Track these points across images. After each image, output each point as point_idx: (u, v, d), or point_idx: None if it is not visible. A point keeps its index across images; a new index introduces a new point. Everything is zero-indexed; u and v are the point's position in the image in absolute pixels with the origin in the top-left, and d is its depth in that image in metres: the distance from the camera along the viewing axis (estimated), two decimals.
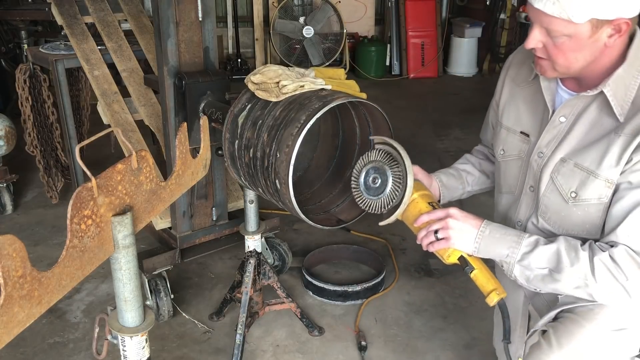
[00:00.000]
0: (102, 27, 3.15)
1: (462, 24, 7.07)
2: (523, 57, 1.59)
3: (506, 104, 1.61)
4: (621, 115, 1.32)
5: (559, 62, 1.34)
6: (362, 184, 1.55)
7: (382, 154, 1.52)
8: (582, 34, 1.27)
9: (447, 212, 1.44)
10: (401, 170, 1.47)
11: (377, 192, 1.51)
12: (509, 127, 1.59)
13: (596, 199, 1.36)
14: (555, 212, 1.45)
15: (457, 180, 1.74)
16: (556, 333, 1.43)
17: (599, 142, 1.35)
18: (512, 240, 1.40)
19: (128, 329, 1.23)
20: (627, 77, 1.33)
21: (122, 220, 1.11)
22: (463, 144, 4.69)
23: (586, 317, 1.42)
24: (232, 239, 2.72)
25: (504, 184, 1.62)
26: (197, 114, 2.21)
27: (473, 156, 1.84)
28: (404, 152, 1.47)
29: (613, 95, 1.33)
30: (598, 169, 1.34)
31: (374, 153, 1.54)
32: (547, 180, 1.44)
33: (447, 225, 1.43)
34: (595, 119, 1.37)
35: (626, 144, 1.30)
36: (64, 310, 2.61)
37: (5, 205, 3.51)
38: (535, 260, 1.37)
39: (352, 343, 2.43)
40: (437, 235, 1.43)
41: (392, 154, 1.51)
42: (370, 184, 1.53)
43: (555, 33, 1.29)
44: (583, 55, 1.31)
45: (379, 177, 1.51)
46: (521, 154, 1.55)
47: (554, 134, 1.44)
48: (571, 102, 1.41)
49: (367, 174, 1.54)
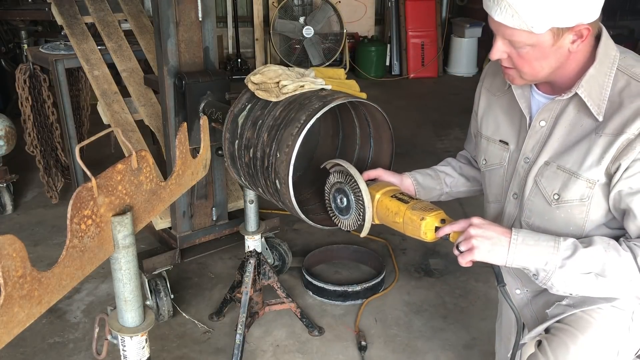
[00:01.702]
0: (102, 27, 3.15)
1: (462, 24, 7.07)
2: (496, 68, 1.60)
3: (484, 114, 1.63)
4: (599, 115, 1.32)
5: (524, 70, 1.35)
6: (336, 209, 1.62)
7: (339, 174, 1.58)
8: (545, 42, 1.27)
9: (468, 221, 1.36)
10: (354, 182, 1.52)
11: (348, 210, 1.57)
12: (488, 136, 1.60)
13: (578, 200, 1.36)
14: (539, 216, 1.45)
15: (433, 181, 1.74)
16: (551, 345, 1.42)
17: (580, 143, 1.35)
18: (549, 246, 1.32)
19: (128, 329, 1.23)
20: (600, 75, 1.33)
21: (122, 220, 1.11)
22: (463, 144, 4.68)
23: (580, 327, 1.41)
24: (232, 239, 2.72)
25: (490, 193, 1.63)
26: (197, 114, 2.21)
27: (455, 159, 1.84)
28: (347, 165, 1.54)
29: (588, 95, 1.33)
30: (579, 170, 1.34)
31: (332, 176, 1.61)
32: (532, 184, 1.45)
33: (469, 234, 1.33)
34: (574, 120, 1.38)
35: (609, 144, 1.30)
36: (64, 310, 2.61)
37: (5, 205, 3.51)
38: (578, 264, 1.29)
39: (352, 343, 2.43)
40: (460, 248, 1.35)
41: (344, 171, 1.56)
42: (340, 205, 1.59)
43: (518, 44, 1.30)
44: (548, 62, 1.32)
45: (344, 197, 1.57)
46: (502, 162, 1.55)
47: (537, 139, 1.45)
48: (549, 106, 1.42)
49: (334, 198, 1.61)
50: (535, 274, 1.35)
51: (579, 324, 1.41)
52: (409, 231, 1.44)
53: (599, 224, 1.39)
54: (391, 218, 1.47)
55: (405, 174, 1.69)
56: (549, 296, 1.50)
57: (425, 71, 7.10)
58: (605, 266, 1.29)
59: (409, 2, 7.01)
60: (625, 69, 1.33)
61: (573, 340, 1.39)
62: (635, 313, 1.42)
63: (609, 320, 1.40)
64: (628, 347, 1.44)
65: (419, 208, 1.42)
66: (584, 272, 1.30)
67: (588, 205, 1.36)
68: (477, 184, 1.78)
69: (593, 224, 1.39)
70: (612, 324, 1.41)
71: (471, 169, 1.80)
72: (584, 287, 1.33)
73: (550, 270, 1.31)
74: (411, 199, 1.46)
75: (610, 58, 1.34)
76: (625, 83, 1.32)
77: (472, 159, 1.82)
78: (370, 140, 1.81)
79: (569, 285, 1.33)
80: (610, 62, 1.34)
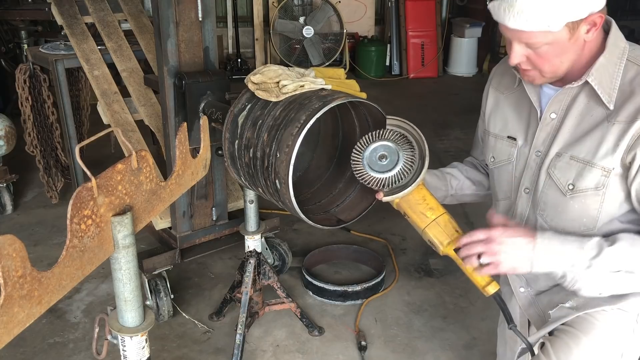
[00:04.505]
0: (102, 27, 3.15)
1: (462, 24, 7.07)
2: (504, 67, 1.61)
3: (492, 112, 1.63)
4: (610, 103, 1.33)
5: (545, 69, 1.35)
6: (367, 157, 1.49)
7: (396, 135, 1.48)
8: (562, 38, 1.28)
9: (489, 232, 1.33)
10: (414, 155, 1.44)
11: (382, 169, 1.46)
12: (496, 134, 1.60)
13: (593, 188, 1.36)
14: (553, 208, 1.44)
15: (439, 181, 1.73)
16: (554, 347, 1.42)
17: (592, 132, 1.35)
18: (575, 247, 1.31)
19: (128, 329, 1.23)
20: (609, 64, 1.34)
21: (122, 220, 1.11)
22: (463, 144, 4.69)
23: (583, 329, 1.41)
24: (232, 239, 2.72)
25: (499, 191, 1.62)
26: (197, 114, 2.21)
27: (461, 164, 1.84)
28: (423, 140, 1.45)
29: (598, 83, 1.34)
30: (594, 159, 1.34)
31: (387, 132, 1.49)
32: (545, 176, 1.44)
33: (493, 249, 1.31)
34: (584, 110, 1.38)
35: (622, 131, 1.30)
36: (64, 310, 2.61)
37: (5, 205, 3.51)
38: (605, 263, 1.29)
39: (352, 343, 2.43)
40: (482, 260, 1.32)
41: (407, 137, 1.49)
42: (377, 161, 1.47)
43: (536, 45, 1.30)
44: (567, 56, 1.33)
45: (387, 156, 1.46)
46: (511, 158, 1.55)
47: (548, 131, 1.45)
48: (558, 97, 1.42)
49: (374, 150, 1.48)
50: (563, 276, 1.35)
51: (582, 326, 1.41)
52: (432, 232, 1.41)
53: (613, 216, 1.39)
54: (422, 209, 1.43)
55: None
56: (552, 295, 1.50)
57: (425, 71, 7.10)
58: (634, 262, 1.29)
59: (409, 2, 7.02)
60: (636, 59, 1.34)
61: (576, 343, 1.39)
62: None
63: (613, 323, 1.40)
64: (632, 350, 1.44)
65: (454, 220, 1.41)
66: (613, 270, 1.30)
67: (603, 195, 1.36)
68: (482, 189, 1.78)
69: (607, 215, 1.38)
70: (616, 326, 1.40)
71: (477, 174, 1.79)
72: (614, 285, 1.33)
73: (578, 271, 1.31)
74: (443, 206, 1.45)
75: (619, 48, 1.35)
76: (636, 73, 1.33)
77: (479, 164, 1.81)
78: None
79: (599, 285, 1.34)
80: (620, 52, 1.34)
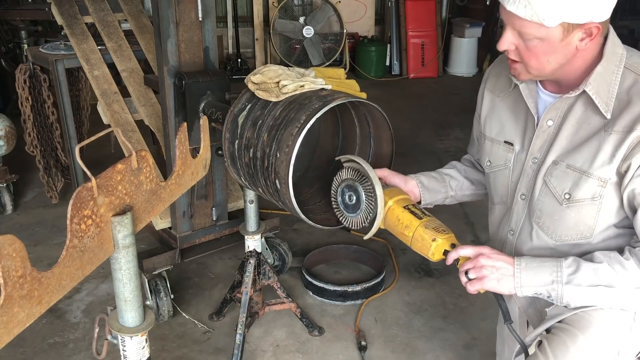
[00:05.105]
0: (102, 27, 3.15)
1: (462, 24, 7.07)
2: (500, 69, 1.60)
3: (487, 115, 1.62)
4: (607, 112, 1.32)
5: (531, 64, 1.35)
6: (341, 204, 1.60)
7: (351, 171, 1.56)
8: (554, 37, 1.27)
9: (477, 250, 1.41)
10: (370, 185, 1.49)
11: (355, 208, 1.55)
12: (492, 138, 1.59)
13: (589, 199, 1.37)
14: (549, 216, 1.45)
15: (439, 184, 1.73)
16: (551, 344, 1.42)
17: (589, 142, 1.35)
18: (552, 265, 1.37)
19: (128, 329, 1.23)
20: (607, 73, 1.33)
21: (122, 220, 1.11)
22: (463, 144, 4.67)
23: (580, 327, 1.41)
24: (232, 239, 2.72)
25: (495, 195, 1.62)
26: (197, 114, 2.21)
27: (459, 163, 1.84)
28: (368, 167, 1.50)
29: (596, 93, 1.33)
30: (590, 169, 1.34)
31: (344, 172, 1.58)
32: (541, 183, 1.45)
33: (479, 264, 1.39)
34: (581, 119, 1.38)
35: (619, 142, 1.30)
36: (64, 310, 2.61)
37: (5, 205, 3.51)
38: (584, 277, 1.34)
39: (352, 343, 2.43)
40: (469, 275, 1.40)
41: (359, 170, 1.54)
42: (348, 202, 1.57)
43: (528, 36, 1.30)
44: (555, 58, 1.32)
45: (353, 195, 1.55)
46: (507, 163, 1.55)
47: (544, 139, 1.45)
48: (556, 105, 1.42)
49: (342, 193, 1.58)
50: (549, 295, 1.38)
51: (579, 324, 1.41)
52: (416, 247, 1.45)
53: (609, 223, 1.40)
54: (400, 229, 1.47)
55: (410, 175, 1.69)
56: None
57: (425, 71, 7.10)
58: (611, 276, 1.32)
59: (409, 2, 7.01)
60: (633, 67, 1.34)
61: (573, 340, 1.39)
62: (637, 314, 1.41)
63: (610, 320, 1.40)
64: (629, 348, 1.44)
65: (431, 227, 1.42)
66: (592, 284, 1.33)
67: (599, 205, 1.37)
68: (481, 188, 1.78)
69: (603, 223, 1.39)
70: (613, 324, 1.40)
71: (476, 173, 1.79)
72: (596, 299, 1.36)
73: (559, 288, 1.35)
74: (424, 215, 1.46)
75: (617, 56, 1.34)
76: (633, 81, 1.32)
77: (476, 162, 1.81)
78: (370, 140, 1.81)
79: (583, 300, 1.36)
80: (617, 60, 1.34)
